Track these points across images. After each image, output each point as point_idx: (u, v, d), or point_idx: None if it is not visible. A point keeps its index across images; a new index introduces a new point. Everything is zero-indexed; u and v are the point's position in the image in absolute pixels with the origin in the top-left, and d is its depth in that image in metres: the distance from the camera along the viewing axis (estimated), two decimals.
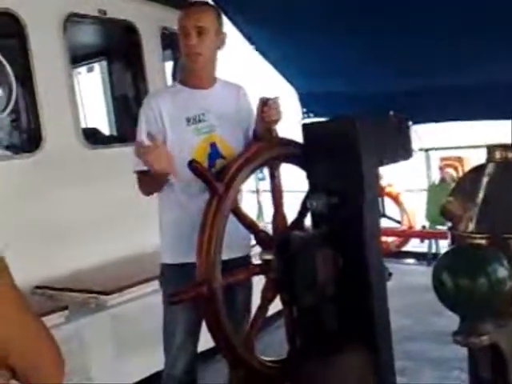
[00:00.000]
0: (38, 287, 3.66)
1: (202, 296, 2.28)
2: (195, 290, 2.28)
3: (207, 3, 2.70)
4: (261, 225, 2.79)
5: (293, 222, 2.67)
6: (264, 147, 2.52)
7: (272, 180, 2.59)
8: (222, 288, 2.32)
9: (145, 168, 2.46)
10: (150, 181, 2.48)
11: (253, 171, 2.52)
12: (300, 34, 5.19)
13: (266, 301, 2.54)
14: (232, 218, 2.43)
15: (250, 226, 2.53)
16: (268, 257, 2.50)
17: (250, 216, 2.56)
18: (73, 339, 3.21)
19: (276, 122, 2.57)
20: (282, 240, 2.51)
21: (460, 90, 4.80)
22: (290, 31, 5.25)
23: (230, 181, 2.37)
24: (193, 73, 2.62)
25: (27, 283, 3.55)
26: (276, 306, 2.61)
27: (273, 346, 3.07)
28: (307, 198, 2.66)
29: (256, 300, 2.65)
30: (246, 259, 2.73)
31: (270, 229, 2.64)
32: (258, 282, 2.61)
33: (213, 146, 2.59)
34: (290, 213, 2.69)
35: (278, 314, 2.78)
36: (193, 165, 2.30)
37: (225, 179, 2.37)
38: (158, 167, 2.27)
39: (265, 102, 2.53)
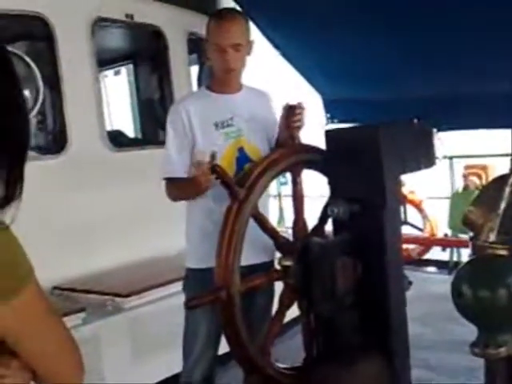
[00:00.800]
0: (55, 288, 3.68)
1: (220, 301, 2.30)
2: (213, 295, 2.30)
3: (237, 11, 2.73)
4: (282, 230, 2.80)
5: (313, 229, 2.68)
6: (285, 153, 2.54)
7: (294, 186, 2.61)
8: (240, 293, 2.34)
9: (176, 175, 2.53)
10: (185, 191, 2.54)
11: (274, 177, 2.55)
12: (325, 39, 5.19)
13: (283, 307, 2.56)
14: (252, 230, 2.46)
15: (270, 231, 2.55)
16: (287, 263, 2.51)
17: (270, 221, 2.57)
18: (89, 341, 3.20)
19: (300, 128, 2.59)
20: (302, 246, 2.52)
21: (486, 98, 4.76)
22: (315, 36, 5.26)
23: (251, 186, 2.39)
24: (222, 81, 2.65)
25: (46, 283, 3.54)
26: (293, 312, 2.62)
27: (289, 353, 3.08)
28: (328, 204, 2.67)
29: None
30: (270, 264, 2.74)
31: (290, 234, 2.66)
32: (279, 288, 2.63)
33: (241, 150, 2.62)
34: (312, 218, 2.71)
35: (295, 320, 2.78)
36: (215, 169, 2.33)
37: (246, 184, 2.39)
38: (206, 189, 2.34)
39: (291, 108, 2.55)
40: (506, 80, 4.51)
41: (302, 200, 2.62)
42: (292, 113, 2.54)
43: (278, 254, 2.68)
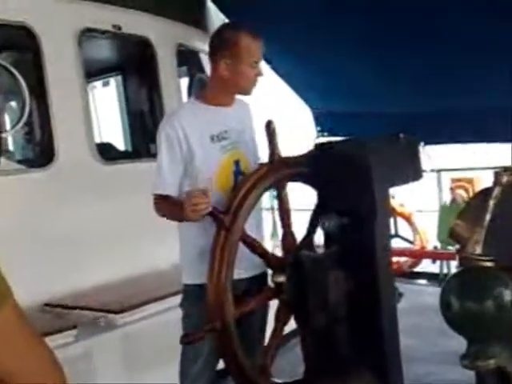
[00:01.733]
0: (47, 305, 3.61)
1: (215, 331, 2.29)
2: (208, 328, 2.30)
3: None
4: (276, 243, 2.80)
5: (302, 241, 2.68)
6: (266, 171, 2.53)
7: (279, 200, 2.60)
8: (235, 321, 2.34)
9: (165, 193, 2.52)
10: (174, 215, 2.50)
11: (259, 197, 2.53)
12: (316, 54, 5.24)
13: (280, 324, 2.56)
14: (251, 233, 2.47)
15: (260, 252, 2.55)
16: (280, 279, 2.50)
17: (259, 242, 2.56)
18: (82, 358, 3.17)
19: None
20: (293, 261, 2.53)
21: (472, 113, 4.81)
22: (306, 51, 5.31)
23: (235, 211, 2.38)
24: (222, 94, 2.65)
25: (37, 300, 3.53)
26: (291, 325, 2.62)
27: (288, 366, 3.06)
28: (315, 215, 2.67)
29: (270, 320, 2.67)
30: (263, 276, 2.73)
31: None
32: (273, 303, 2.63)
33: (237, 163, 2.62)
34: (302, 231, 2.71)
35: (293, 333, 2.77)
36: (269, 125, 2.43)
37: (230, 210, 2.38)
38: (199, 217, 2.32)
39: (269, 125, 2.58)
40: (492, 95, 4.57)
41: (288, 214, 2.62)
42: (269, 130, 2.56)
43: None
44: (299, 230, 2.70)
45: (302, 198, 3.70)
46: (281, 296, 2.54)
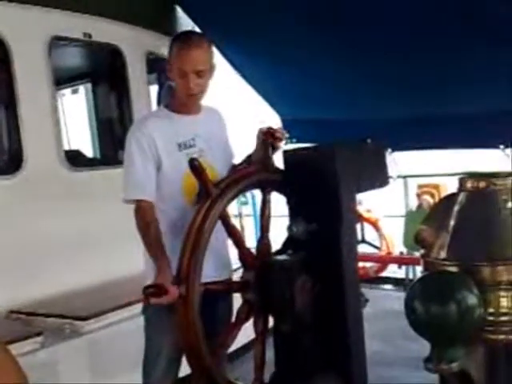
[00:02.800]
0: (12, 311, 3.60)
1: (180, 297, 2.28)
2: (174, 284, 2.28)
3: (200, 37, 2.69)
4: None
5: (277, 251, 2.70)
6: (262, 169, 2.58)
7: (263, 205, 2.61)
8: (200, 292, 2.32)
9: (146, 198, 2.51)
10: (151, 252, 2.48)
11: (247, 188, 2.57)
12: (283, 61, 5.28)
13: (239, 320, 2.55)
14: (215, 243, 2.46)
15: (236, 239, 2.55)
16: (247, 277, 2.53)
17: (238, 229, 2.58)
18: (47, 365, 3.16)
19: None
20: (261, 264, 2.54)
21: (438, 119, 4.90)
22: (274, 58, 5.35)
23: (225, 188, 2.41)
24: (184, 103, 2.65)
25: (3, 307, 3.52)
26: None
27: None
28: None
29: None
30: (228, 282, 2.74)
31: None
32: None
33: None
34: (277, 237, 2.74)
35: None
36: (193, 163, 2.32)
37: (221, 185, 2.41)
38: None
39: (273, 132, 2.60)
40: (461, 103, 4.67)
41: (269, 219, 2.62)
42: (278, 135, 2.59)
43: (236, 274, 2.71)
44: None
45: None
46: (245, 294, 2.54)
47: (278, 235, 2.77)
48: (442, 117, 4.85)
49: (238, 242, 2.55)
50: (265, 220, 2.63)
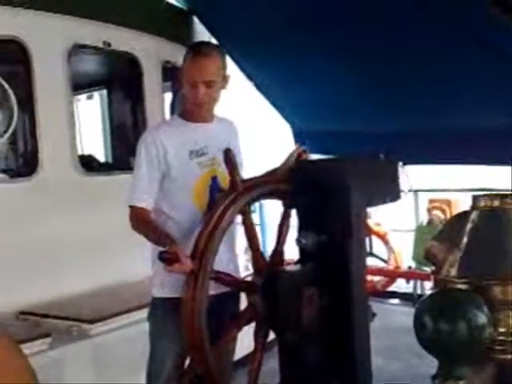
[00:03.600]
0: (22, 313, 3.64)
1: (191, 273, 2.31)
2: (191, 373, 2.36)
3: (212, 47, 2.72)
4: (248, 258, 2.82)
5: (272, 255, 2.68)
6: (228, 205, 2.48)
7: (243, 221, 2.58)
8: (210, 275, 2.36)
9: (143, 206, 2.54)
10: (151, 238, 2.51)
11: (225, 231, 2.46)
12: (297, 72, 5.32)
13: (242, 319, 2.57)
14: (224, 255, 2.50)
15: (252, 239, 2.57)
16: (254, 300, 2.54)
17: (230, 275, 2.57)
18: (54, 367, 3.18)
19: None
20: (267, 278, 2.55)
21: (450, 135, 4.90)
22: (287, 69, 5.38)
23: (252, 186, 2.47)
24: (196, 113, 2.68)
25: (13, 308, 3.57)
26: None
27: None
28: (280, 228, 2.72)
29: None
30: (235, 294, 2.73)
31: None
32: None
33: (214, 179, 2.65)
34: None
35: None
36: (228, 153, 2.42)
37: (248, 182, 2.46)
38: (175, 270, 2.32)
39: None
40: (474, 118, 4.67)
41: (254, 234, 2.62)
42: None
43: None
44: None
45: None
46: (251, 297, 2.55)
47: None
48: (455, 131, 4.85)
49: (253, 243, 2.58)
50: (283, 232, 2.66)
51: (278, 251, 2.66)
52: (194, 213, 2.57)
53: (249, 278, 2.75)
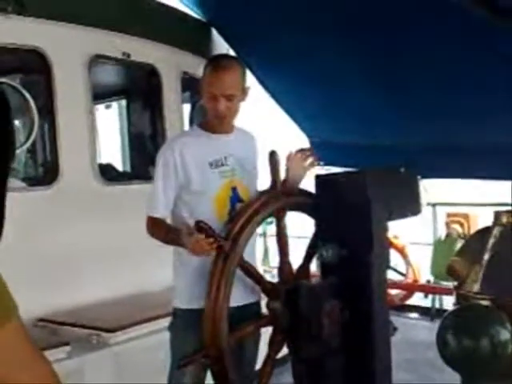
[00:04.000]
0: (41, 320, 3.64)
1: (211, 357, 2.31)
2: (203, 352, 2.33)
3: (232, 60, 2.74)
4: (266, 268, 2.82)
5: (299, 270, 2.71)
6: (267, 200, 2.57)
7: (278, 229, 2.64)
8: (229, 347, 2.35)
9: (157, 215, 2.57)
10: (170, 240, 2.54)
11: (259, 224, 2.56)
12: (316, 84, 5.32)
13: (273, 352, 2.57)
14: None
15: (256, 278, 2.58)
16: (275, 306, 2.53)
17: (256, 269, 2.59)
18: (73, 375, 3.14)
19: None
20: (289, 289, 2.55)
21: (470, 149, 4.87)
22: (306, 81, 5.38)
23: (235, 238, 2.42)
24: (216, 125, 2.69)
25: (32, 315, 3.55)
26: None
27: None
28: (312, 243, 2.71)
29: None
30: (257, 305, 2.75)
31: (275, 274, 2.69)
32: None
33: (234, 189, 2.66)
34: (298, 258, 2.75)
35: (284, 358, 2.78)
36: (199, 225, 2.35)
37: (230, 236, 2.42)
38: (199, 253, 2.35)
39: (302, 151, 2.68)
40: (493, 132, 4.64)
41: (286, 242, 2.66)
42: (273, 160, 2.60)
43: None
44: (295, 257, 2.73)
45: (300, 225, 3.74)
46: (275, 323, 2.55)
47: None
48: (475, 146, 4.82)
49: (258, 279, 2.58)
50: (283, 244, 2.66)
51: (286, 266, 2.65)
52: (214, 223, 2.55)
53: None
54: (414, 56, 4.38)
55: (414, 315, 6.93)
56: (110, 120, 6.20)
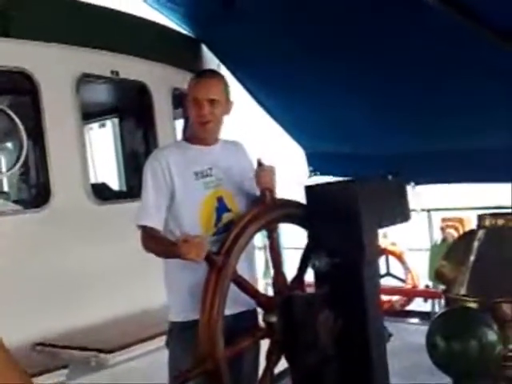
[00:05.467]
0: (38, 344, 3.60)
1: (207, 372, 2.32)
2: (200, 368, 2.32)
3: (216, 72, 2.83)
4: (268, 282, 2.83)
5: (293, 280, 2.72)
6: (259, 212, 2.57)
7: (270, 241, 2.65)
8: (226, 361, 2.36)
9: (151, 225, 2.56)
10: (163, 248, 2.53)
11: (251, 237, 2.57)
12: (307, 94, 5.35)
13: (271, 364, 2.57)
14: (245, 273, 2.52)
15: (251, 292, 2.58)
16: (271, 319, 2.54)
17: (249, 283, 2.59)
18: None
19: (269, 188, 2.64)
20: (284, 301, 2.56)
21: (461, 154, 4.90)
22: (298, 93, 5.42)
23: (227, 252, 2.43)
24: (200, 136, 2.73)
25: (28, 339, 3.52)
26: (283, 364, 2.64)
27: None
28: (305, 254, 2.73)
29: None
30: (254, 313, 2.76)
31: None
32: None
33: (220, 200, 2.68)
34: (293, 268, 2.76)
35: (284, 372, 2.78)
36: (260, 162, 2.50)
37: (222, 251, 2.42)
38: (195, 257, 2.32)
39: (259, 164, 2.65)
40: (480, 137, 4.67)
41: (279, 254, 2.67)
42: (261, 170, 2.64)
43: None
44: (290, 268, 2.74)
45: (293, 236, 3.75)
46: (272, 336, 2.56)
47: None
48: (467, 151, 4.85)
49: (253, 293, 2.58)
50: (275, 256, 2.67)
51: (280, 278, 2.66)
52: (201, 233, 2.57)
53: None
54: (399, 68, 4.42)
55: (414, 320, 6.96)
56: (105, 139, 6.21)
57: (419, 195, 5.39)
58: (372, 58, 4.49)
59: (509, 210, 4.05)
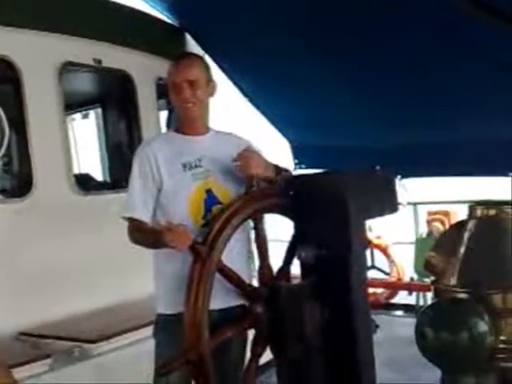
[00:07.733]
0: (21, 334, 3.58)
1: (191, 362, 2.28)
2: (183, 358, 2.28)
3: (193, 54, 2.78)
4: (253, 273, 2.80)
5: (278, 272, 2.69)
6: (243, 202, 2.52)
7: (256, 232, 2.61)
8: (211, 351, 2.32)
9: (138, 217, 2.52)
10: (150, 242, 2.49)
11: (236, 228, 2.49)
12: (293, 88, 5.32)
13: (256, 356, 2.54)
14: (235, 264, 2.48)
15: (236, 282, 2.53)
16: (257, 310, 2.51)
17: (235, 273, 2.53)
18: None
19: (253, 175, 2.58)
20: (269, 291, 2.53)
21: (447, 147, 4.91)
22: (283, 83, 5.39)
23: (212, 242, 2.38)
24: (187, 122, 2.68)
25: (12, 329, 3.51)
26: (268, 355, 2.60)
27: None
28: (292, 246, 2.70)
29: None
30: (241, 308, 2.67)
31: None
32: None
33: (209, 192, 2.62)
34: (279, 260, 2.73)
35: (268, 364, 2.76)
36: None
37: (207, 242, 2.38)
38: (181, 246, 2.29)
39: (239, 154, 2.59)
40: (467, 129, 4.68)
41: (265, 245, 2.63)
42: (240, 157, 2.57)
43: None
44: (276, 261, 2.70)
45: (280, 228, 3.72)
46: (256, 325, 2.53)
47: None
48: (452, 144, 4.86)
49: (238, 284, 2.53)
50: (261, 247, 2.61)
51: (266, 269, 2.61)
52: (189, 226, 2.50)
53: None
54: (390, 58, 4.40)
55: (399, 313, 7.00)
56: (88, 129, 6.15)
57: (405, 188, 5.40)
58: (358, 50, 4.47)
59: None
